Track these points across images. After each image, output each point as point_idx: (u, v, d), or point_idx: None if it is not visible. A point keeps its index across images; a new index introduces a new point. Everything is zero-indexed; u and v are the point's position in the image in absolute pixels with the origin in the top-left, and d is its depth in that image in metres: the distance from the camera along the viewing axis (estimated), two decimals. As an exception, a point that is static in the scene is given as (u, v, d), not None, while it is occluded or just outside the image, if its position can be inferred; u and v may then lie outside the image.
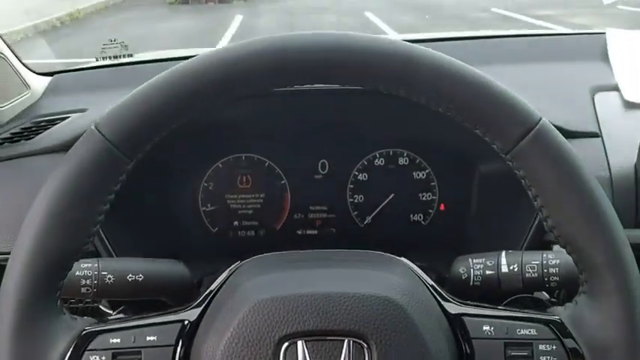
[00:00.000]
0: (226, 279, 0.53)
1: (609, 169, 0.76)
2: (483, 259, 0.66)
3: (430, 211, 0.93)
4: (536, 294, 0.72)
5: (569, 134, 0.80)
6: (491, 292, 0.66)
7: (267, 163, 0.92)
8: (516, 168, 0.51)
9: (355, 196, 0.93)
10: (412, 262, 0.75)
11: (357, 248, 0.89)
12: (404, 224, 0.94)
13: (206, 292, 0.53)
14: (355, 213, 0.93)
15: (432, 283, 0.54)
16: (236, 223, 0.93)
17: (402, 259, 0.57)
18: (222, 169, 0.92)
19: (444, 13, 10.84)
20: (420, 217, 0.93)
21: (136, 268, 0.65)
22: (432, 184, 0.93)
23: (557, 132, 0.52)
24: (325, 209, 0.93)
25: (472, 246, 0.88)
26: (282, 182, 0.92)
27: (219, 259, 0.62)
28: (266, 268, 0.53)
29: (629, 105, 0.84)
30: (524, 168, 0.51)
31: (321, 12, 11.53)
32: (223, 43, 8.49)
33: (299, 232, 0.94)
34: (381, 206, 0.93)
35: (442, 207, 0.93)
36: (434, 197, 0.93)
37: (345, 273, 0.52)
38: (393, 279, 0.50)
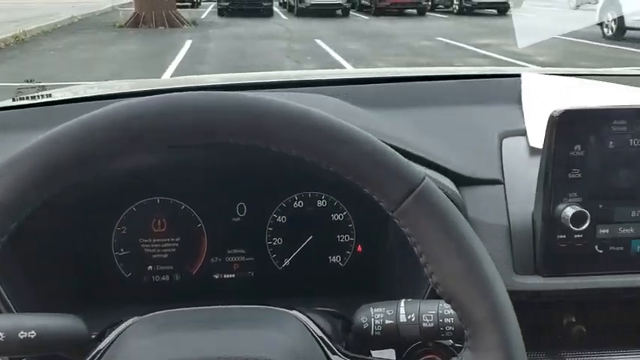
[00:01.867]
0: (115, 338, 0.52)
1: (508, 216, 0.78)
2: (383, 309, 0.67)
3: (348, 252, 0.94)
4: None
5: (472, 181, 0.82)
6: (392, 341, 0.66)
7: (182, 207, 0.91)
8: (402, 225, 0.52)
9: (274, 238, 0.93)
10: (326, 306, 0.75)
11: (276, 291, 0.89)
12: (322, 266, 0.93)
13: (94, 352, 0.51)
14: (274, 256, 0.93)
15: (321, 335, 0.54)
16: (150, 267, 0.91)
17: (294, 312, 0.57)
18: (136, 213, 0.90)
19: (391, 42, 11.09)
20: (338, 258, 0.94)
21: (28, 325, 0.62)
22: (350, 225, 0.93)
23: (440, 191, 0.53)
24: (243, 252, 0.93)
25: (388, 289, 0.89)
26: (199, 226, 0.91)
27: (133, 305, 0.61)
28: (154, 328, 0.52)
29: (534, 151, 0.86)
30: (409, 226, 0.52)
31: (270, 38, 11.62)
32: (173, 67, 8.45)
33: (216, 277, 0.92)
34: (299, 249, 0.93)
35: (359, 248, 0.94)
36: (351, 239, 0.93)
37: (231, 335, 0.51)
38: (279, 338, 0.50)
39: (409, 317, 0.66)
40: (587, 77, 1.18)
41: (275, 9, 18.24)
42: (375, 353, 0.72)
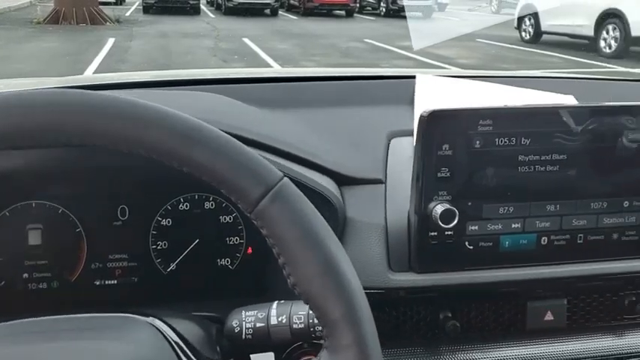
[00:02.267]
0: None
1: (386, 215, 0.79)
2: (255, 312, 0.66)
3: (237, 255, 0.92)
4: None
5: (354, 181, 0.83)
6: (263, 344, 0.66)
7: (60, 210, 0.87)
8: (260, 227, 0.52)
9: (158, 242, 0.90)
10: (214, 310, 0.74)
11: (161, 296, 0.87)
12: (211, 269, 0.92)
13: None
14: (159, 260, 0.90)
15: (178, 342, 0.53)
16: (26, 275, 0.87)
17: (150, 319, 0.55)
18: (9, 218, 0.86)
19: (320, 43, 11.15)
20: (228, 261, 0.92)
21: None
22: (240, 227, 0.92)
23: (298, 191, 0.53)
24: (126, 257, 0.89)
25: (277, 291, 0.88)
26: (78, 230, 0.87)
27: (8, 315, 0.57)
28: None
29: (417, 151, 0.88)
30: (266, 227, 0.52)
31: (197, 37, 11.42)
32: (94, 65, 8.15)
33: (97, 283, 0.89)
34: (185, 252, 0.90)
35: (250, 250, 0.93)
36: (241, 241, 0.92)
37: (68, 347, 0.49)
38: (121, 348, 0.48)
39: (280, 319, 0.66)
40: (488, 79, 1.21)
41: (202, 7, 17.96)
42: (255, 357, 0.72)
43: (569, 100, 1.04)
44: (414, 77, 1.14)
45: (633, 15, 9.15)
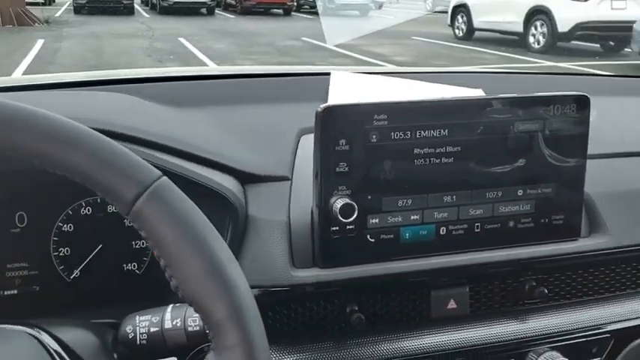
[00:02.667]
0: None
1: (289, 212, 0.79)
2: (150, 316, 0.65)
3: (144, 259, 0.90)
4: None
5: (258, 179, 0.83)
6: (160, 349, 0.65)
7: (-49, 219, 0.83)
8: (138, 229, 0.51)
9: (60, 249, 0.87)
10: (118, 316, 0.72)
11: (65, 304, 0.84)
12: (117, 275, 0.89)
13: None
14: (61, 267, 0.87)
15: (58, 350, 0.51)
16: None
17: (29, 329, 0.53)
18: None
19: (257, 41, 11.09)
20: (134, 265, 0.90)
21: None
22: None
23: (177, 190, 0.52)
24: (26, 266, 0.86)
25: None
26: (-29, 239, 0.83)
27: None
28: None
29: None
30: (144, 229, 0.51)
31: (131, 37, 11.15)
32: (22, 68, 7.82)
33: (-6, 294, 0.85)
34: (89, 258, 0.88)
35: (155, 253, 0.91)
36: (147, 244, 0.90)
37: None
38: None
39: (175, 323, 0.65)
40: (412, 75, 1.23)
41: (137, 7, 17.54)
42: None
43: (477, 94, 1.07)
44: (328, 74, 1.15)
45: (559, 11, 9.53)
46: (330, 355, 0.79)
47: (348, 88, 1.13)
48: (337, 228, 0.75)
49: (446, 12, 12.59)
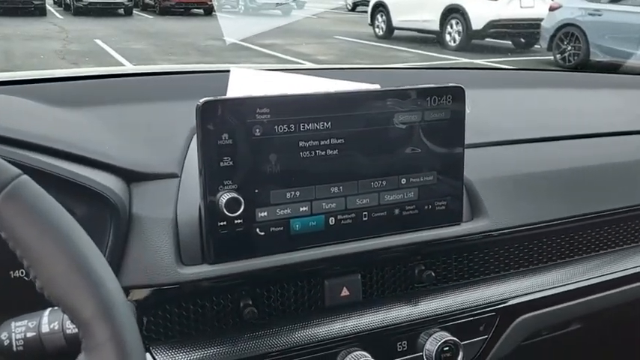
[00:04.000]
0: None
1: (176, 209, 0.79)
2: (26, 321, 0.63)
3: (32, 263, 0.87)
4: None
5: (145, 177, 0.82)
6: (39, 355, 0.63)
7: None
8: None
9: None
10: None
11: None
12: (4, 282, 0.86)
13: None
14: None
15: None
16: None
17: None
18: None
19: (177, 41, 10.89)
20: (22, 272, 0.87)
21: None
22: None
23: (38, 188, 0.51)
24: None
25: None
26: None
27: None
28: None
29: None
30: (3, 229, 0.50)
31: (43, 39, 10.67)
32: None
33: None
34: None
35: (18, 254, 0.88)
36: None
37: None
38: None
39: (52, 326, 0.63)
40: (326, 72, 1.24)
41: (49, 7, 16.78)
42: None
43: (373, 88, 1.10)
44: (227, 71, 1.15)
45: (472, 10, 9.91)
46: (225, 350, 0.79)
47: (248, 84, 1.13)
48: (225, 223, 0.76)
49: (365, 12, 12.81)
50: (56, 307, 0.64)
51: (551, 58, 8.63)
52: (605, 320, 1.19)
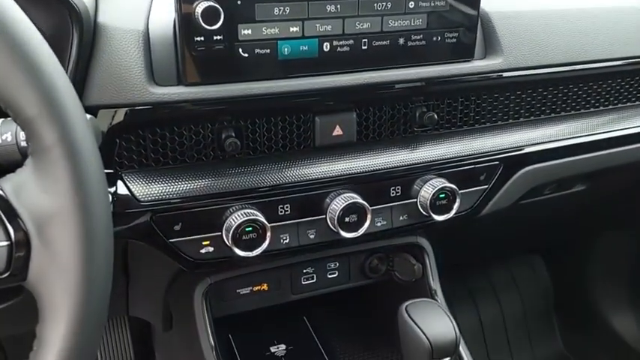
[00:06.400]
0: None
1: (148, 21, 0.69)
2: None
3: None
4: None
5: None
6: None
7: None
8: None
9: None
10: None
11: None
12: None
13: None
14: None
15: None
16: None
17: None
18: None
19: None
20: None
21: None
22: None
23: None
24: None
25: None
26: None
27: None
28: None
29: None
30: None
31: None
32: None
33: None
34: None
35: None
36: None
37: None
38: None
39: (4, 137, 0.57)
40: None
41: None
42: None
43: None
44: None
45: None
46: (207, 184, 0.73)
47: None
48: (202, 38, 0.66)
49: None
50: (9, 118, 0.57)
51: None
52: (610, 183, 1.14)
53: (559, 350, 1.68)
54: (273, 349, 1.01)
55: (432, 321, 0.77)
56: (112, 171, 0.70)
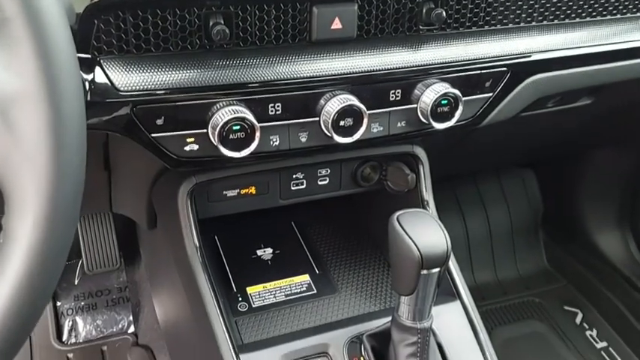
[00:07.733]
0: None
1: None
2: None
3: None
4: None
5: None
6: None
7: None
8: None
9: None
10: None
11: None
12: None
13: None
14: None
15: None
16: None
17: None
18: None
19: None
20: None
21: None
22: None
23: None
24: None
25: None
26: None
27: None
28: None
29: None
30: None
31: None
32: None
33: None
34: None
35: None
36: None
37: None
38: None
39: None
40: None
41: None
42: None
43: None
44: None
45: None
46: (192, 75, 0.67)
47: None
48: None
49: None
50: None
51: None
52: (615, 98, 1.09)
53: (543, 265, 1.70)
54: (259, 252, 0.99)
55: (424, 231, 0.75)
56: (89, 56, 0.64)
